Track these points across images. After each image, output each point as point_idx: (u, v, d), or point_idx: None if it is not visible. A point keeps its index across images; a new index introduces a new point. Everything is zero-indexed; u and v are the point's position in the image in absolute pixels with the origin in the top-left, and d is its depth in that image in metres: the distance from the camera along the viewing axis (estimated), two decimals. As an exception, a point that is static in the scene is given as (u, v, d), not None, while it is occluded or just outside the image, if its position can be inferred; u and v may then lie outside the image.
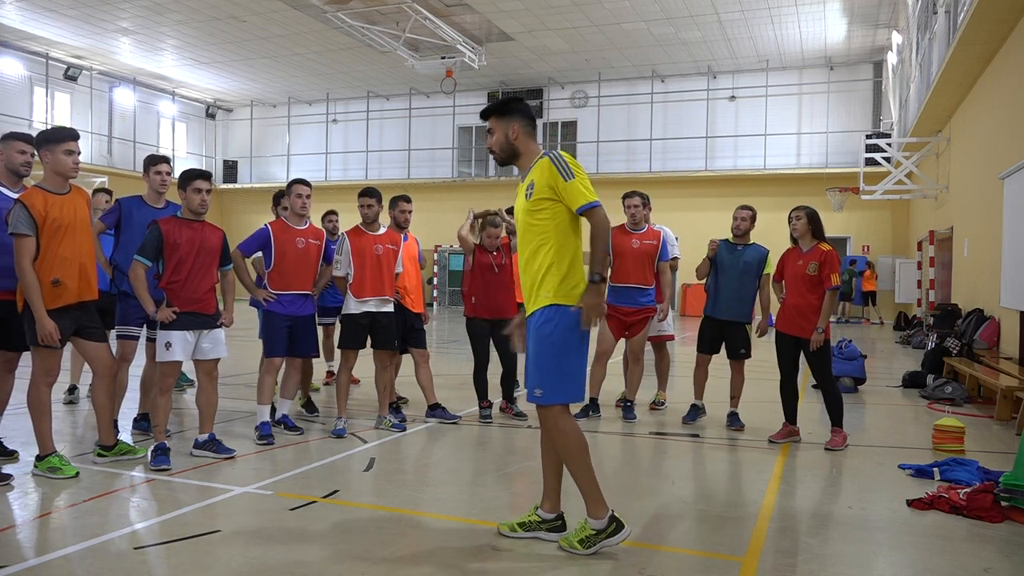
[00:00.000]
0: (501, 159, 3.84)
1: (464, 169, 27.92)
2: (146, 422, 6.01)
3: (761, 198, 23.11)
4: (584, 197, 3.55)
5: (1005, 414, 7.27)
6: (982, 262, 11.55)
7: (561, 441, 3.66)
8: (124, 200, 5.85)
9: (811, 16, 19.31)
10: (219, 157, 30.48)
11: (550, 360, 3.62)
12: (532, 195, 3.65)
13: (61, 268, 4.63)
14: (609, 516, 3.62)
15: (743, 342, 6.76)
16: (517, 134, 3.76)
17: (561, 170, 3.58)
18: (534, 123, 3.84)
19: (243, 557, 3.54)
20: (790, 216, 6.20)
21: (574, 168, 3.60)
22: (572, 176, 3.57)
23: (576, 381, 3.67)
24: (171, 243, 5.10)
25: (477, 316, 6.84)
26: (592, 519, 3.63)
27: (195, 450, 5.33)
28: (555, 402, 3.64)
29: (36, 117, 23.76)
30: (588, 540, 3.60)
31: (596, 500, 3.64)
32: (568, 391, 3.64)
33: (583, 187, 3.57)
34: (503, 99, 3.88)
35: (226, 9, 19.56)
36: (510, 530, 3.85)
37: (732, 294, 6.71)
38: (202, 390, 5.38)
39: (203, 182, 5.22)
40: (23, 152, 4.93)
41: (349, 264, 6.15)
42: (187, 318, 5.16)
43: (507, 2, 18.73)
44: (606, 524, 3.61)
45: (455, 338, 15.84)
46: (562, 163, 3.61)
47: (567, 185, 3.56)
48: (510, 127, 3.76)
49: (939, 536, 4.02)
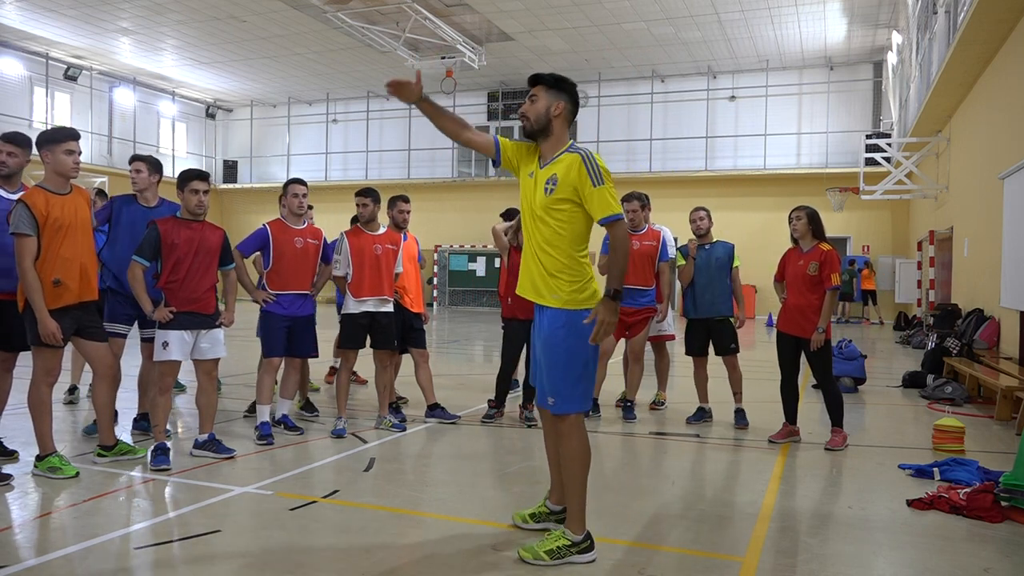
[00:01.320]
0: (530, 129, 3.61)
1: (464, 169, 27.91)
2: (146, 422, 6.00)
3: (761, 198, 23.27)
4: (610, 208, 3.40)
5: (1005, 414, 7.27)
6: (982, 262, 11.55)
7: (569, 450, 3.60)
8: (116, 198, 5.88)
9: (811, 16, 19.31)
10: (219, 157, 30.47)
11: (564, 368, 3.53)
12: (553, 192, 3.49)
13: (62, 268, 4.63)
14: (586, 534, 3.58)
15: (730, 337, 6.85)
16: (560, 112, 3.58)
17: (591, 173, 3.41)
18: (576, 112, 3.65)
19: (243, 557, 3.54)
20: (790, 216, 6.22)
21: (604, 173, 3.43)
22: (601, 182, 3.40)
23: (589, 390, 3.64)
24: (168, 243, 5.11)
25: (513, 317, 6.69)
26: (570, 531, 3.56)
27: (195, 450, 5.33)
28: (569, 411, 3.57)
29: (36, 117, 23.75)
30: (559, 551, 3.48)
31: (581, 516, 3.58)
32: (582, 400, 3.59)
33: (610, 196, 3.41)
34: (557, 74, 3.67)
35: (226, 9, 19.55)
36: (522, 520, 3.93)
37: (709, 292, 6.85)
38: (202, 390, 5.38)
39: (200, 183, 5.22)
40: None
41: (348, 264, 6.15)
42: (185, 318, 5.17)
43: (507, 2, 18.73)
44: (582, 539, 3.55)
45: (455, 338, 15.85)
46: (593, 166, 3.43)
47: (594, 191, 3.41)
48: (556, 102, 3.57)
49: (939, 536, 4.02)
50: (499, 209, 6.89)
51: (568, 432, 3.59)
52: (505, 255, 6.76)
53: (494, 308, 25.30)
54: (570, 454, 3.59)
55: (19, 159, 5.02)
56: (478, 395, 8.03)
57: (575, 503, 3.58)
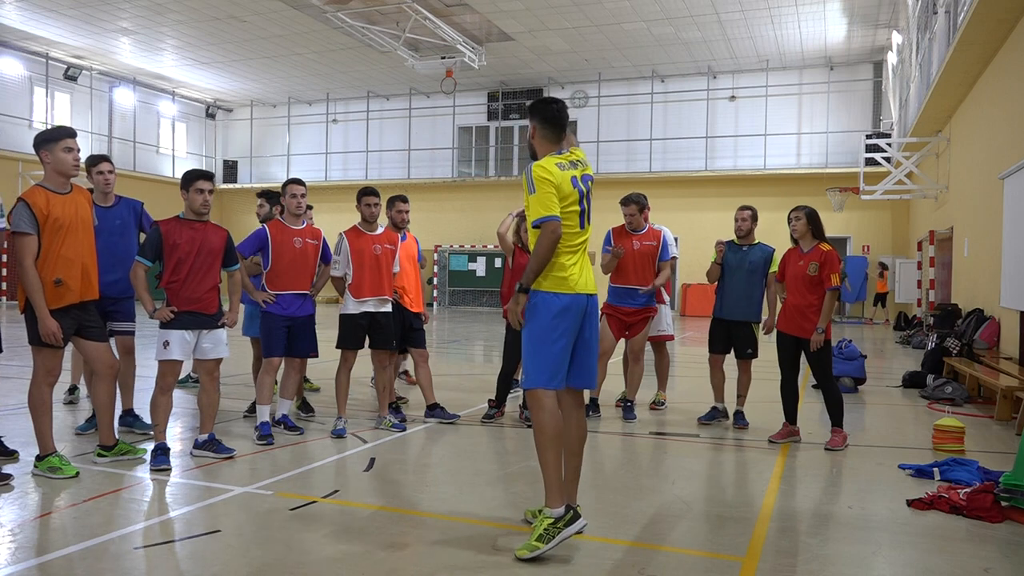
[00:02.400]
0: (530, 155, 4.02)
1: (464, 169, 27.91)
2: (131, 417, 6.13)
3: (761, 198, 23.13)
4: (537, 213, 3.73)
5: (1005, 414, 7.27)
6: (982, 262, 11.55)
7: (535, 424, 3.76)
8: None
9: (811, 16, 19.31)
10: (219, 157, 30.47)
11: (528, 344, 3.80)
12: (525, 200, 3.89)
13: (63, 268, 4.63)
14: (566, 506, 3.67)
15: (750, 342, 6.81)
16: (534, 133, 3.96)
17: (528, 183, 3.79)
18: (554, 125, 3.91)
19: (243, 557, 3.54)
20: (789, 216, 6.21)
21: (538, 181, 3.73)
22: (533, 191, 3.75)
23: (550, 368, 3.74)
24: (171, 244, 5.13)
25: None
26: (549, 508, 3.67)
27: (195, 450, 5.34)
28: (529, 386, 3.78)
29: (36, 117, 23.75)
30: (548, 532, 3.56)
31: (554, 491, 3.69)
32: (540, 377, 3.74)
33: (539, 204, 3.72)
34: (537, 99, 4.06)
35: (226, 9, 19.56)
36: (532, 516, 3.99)
37: (739, 295, 6.77)
38: (203, 390, 5.39)
39: (205, 182, 5.23)
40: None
41: (348, 264, 6.15)
42: (187, 317, 5.18)
43: (507, 2, 18.73)
44: (563, 512, 3.64)
45: (455, 338, 15.85)
46: (528, 177, 3.79)
47: (530, 199, 3.78)
48: (531, 127, 3.98)
49: (939, 536, 4.02)
50: (499, 209, 6.91)
51: (532, 406, 3.78)
52: (510, 256, 6.77)
53: (494, 308, 25.31)
54: (536, 428, 3.76)
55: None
56: (478, 395, 8.04)
57: (548, 478, 3.71)
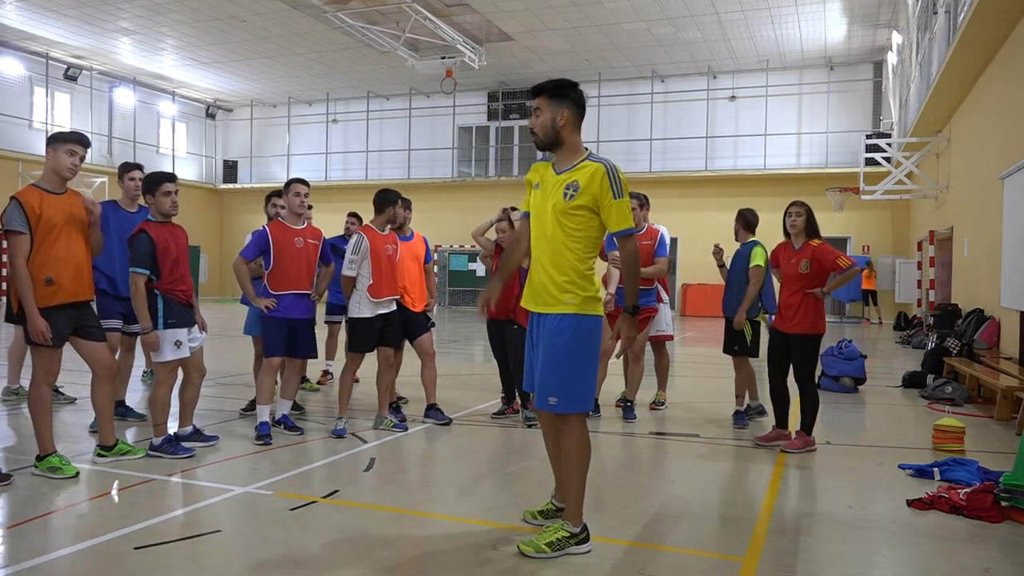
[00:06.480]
0: (541, 143, 3.67)
1: (464, 169, 27.92)
2: (123, 408, 6.38)
3: (761, 198, 23.07)
4: (627, 221, 3.53)
5: (1005, 414, 7.27)
6: (982, 262, 11.55)
7: (570, 449, 3.67)
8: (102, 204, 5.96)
9: (811, 16, 19.31)
10: (219, 157, 30.48)
11: (567, 369, 3.58)
12: (573, 198, 3.55)
13: (56, 268, 4.63)
14: (583, 526, 3.68)
15: (734, 338, 6.88)
16: (566, 121, 3.60)
17: (613, 186, 3.51)
18: (583, 114, 3.68)
19: (243, 557, 3.54)
20: (789, 211, 6.02)
21: (624, 187, 3.55)
22: (621, 195, 3.51)
23: (591, 390, 3.71)
24: (162, 247, 5.23)
25: (492, 318, 6.73)
26: (569, 522, 3.67)
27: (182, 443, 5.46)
28: (572, 411, 3.64)
29: (36, 117, 23.74)
30: (559, 542, 3.58)
31: (579, 510, 3.69)
32: (585, 401, 3.66)
33: (628, 210, 3.54)
34: (558, 79, 3.67)
35: (226, 9, 19.56)
36: (532, 517, 4.00)
37: (734, 292, 6.89)
38: (191, 384, 5.57)
39: (171, 184, 5.38)
40: None
41: (364, 264, 6.06)
42: (188, 314, 5.39)
43: (507, 2, 18.73)
44: (580, 531, 3.66)
45: (455, 338, 15.84)
46: (616, 179, 3.53)
47: (614, 203, 3.51)
48: (560, 112, 3.59)
49: (939, 536, 4.02)
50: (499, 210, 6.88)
51: (570, 432, 3.66)
52: (490, 257, 6.80)
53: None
54: (571, 453, 3.67)
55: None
56: (478, 395, 8.03)
57: (574, 498, 3.69)
